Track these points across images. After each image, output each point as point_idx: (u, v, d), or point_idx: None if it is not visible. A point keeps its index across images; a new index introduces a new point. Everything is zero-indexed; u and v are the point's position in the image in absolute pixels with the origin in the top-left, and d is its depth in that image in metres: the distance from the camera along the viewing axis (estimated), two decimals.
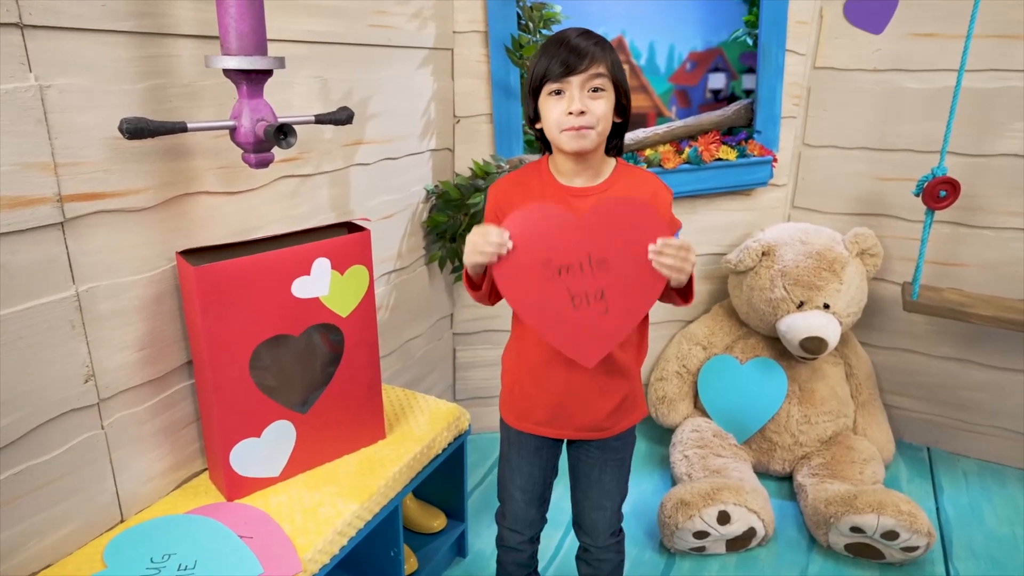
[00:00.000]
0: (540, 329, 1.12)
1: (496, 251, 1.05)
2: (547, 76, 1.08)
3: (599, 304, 1.08)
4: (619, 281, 1.07)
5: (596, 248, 1.06)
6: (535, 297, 1.09)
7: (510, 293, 1.10)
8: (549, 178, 1.17)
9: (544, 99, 1.10)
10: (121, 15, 1.02)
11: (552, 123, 1.09)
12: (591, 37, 1.09)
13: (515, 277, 1.08)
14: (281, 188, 1.38)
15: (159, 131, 0.96)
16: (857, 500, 1.68)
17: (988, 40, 1.88)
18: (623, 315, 1.10)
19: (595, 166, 1.15)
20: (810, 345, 1.90)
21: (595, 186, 1.15)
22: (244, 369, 1.16)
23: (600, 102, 1.08)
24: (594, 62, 1.07)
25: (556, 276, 1.07)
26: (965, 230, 2.05)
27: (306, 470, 1.31)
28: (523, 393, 1.25)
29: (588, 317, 1.09)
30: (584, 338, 1.11)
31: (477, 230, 1.07)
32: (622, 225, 1.05)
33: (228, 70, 1.03)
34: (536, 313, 1.11)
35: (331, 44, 1.45)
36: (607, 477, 1.26)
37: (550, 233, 1.06)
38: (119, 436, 1.12)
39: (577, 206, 1.12)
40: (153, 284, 1.14)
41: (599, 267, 1.06)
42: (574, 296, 1.08)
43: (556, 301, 1.08)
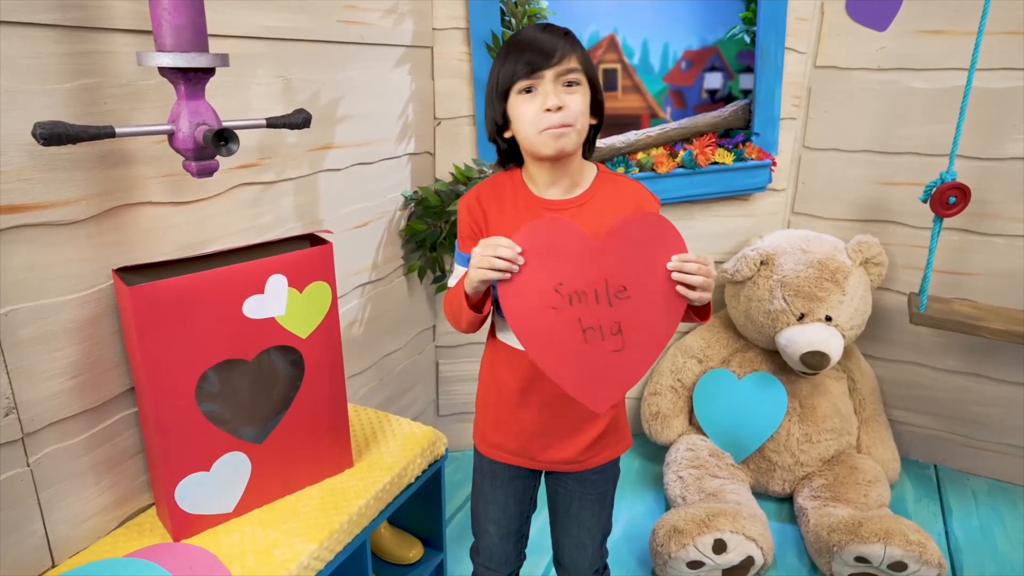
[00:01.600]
0: (543, 364, 0.97)
1: (507, 268, 0.93)
2: (516, 75, 0.97)
3: (614, 340, 0.95)
4: (638, 311, 0.94)
5: (615, 274, 0.94)
6: (541, 325, 0.95)
7: (514, 316, 0.96)
8: (523, 189, 1.06)
9: (514, 100, 0.99)
10: (42, 6, 0.91)
11: (527, 124, 0.98)
12: (555, 30, 1.00)
13: (522, 299, 0.94)
14: (239, 197, 1.28)
15: (81, 137, 0.85)
16: (862, 528, 1.58)
17: (999, 37, 1.78)
18: (640, 352, 0.96)
19: (572, 174, 1.04)
20: (811, 360, 1.80)
21: (572, 198, 1.04)
22: (190, 398, 1.06)
23: (576, 97, 0.98)
24: (567, 54, 0.97)
25: (567, 305, 0.94)
26: (974, 237, 1.95)
27: (263, 504, 1.20)
28: (495, 421, 1.16)
29: (600, 355, 0.95)
30: (593, 379, 0.97)
31: (486, 243, 0.94)
32: (643, 246, 0.93)
33: (163, 68, 0.93)
34: (540, 344, 0.96)
35: (295, 41, 1.35)
36: (586, 513, 1.16)
37: (566, 254, 0.94)
38: (49, 473, 1.01)
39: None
40: (88, 305, 1.03)
41: (617, 297, 0.94)
42: (586, 328, 0.95)
43: (565, 332, 0.95)
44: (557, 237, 0.94)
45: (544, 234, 0.94)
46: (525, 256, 0.93)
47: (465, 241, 1.10)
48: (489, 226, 1.07)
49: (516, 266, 0.93)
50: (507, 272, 0.93)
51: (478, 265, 0.94)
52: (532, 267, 0.93)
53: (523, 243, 0.93)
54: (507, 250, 0.92)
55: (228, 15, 1.18)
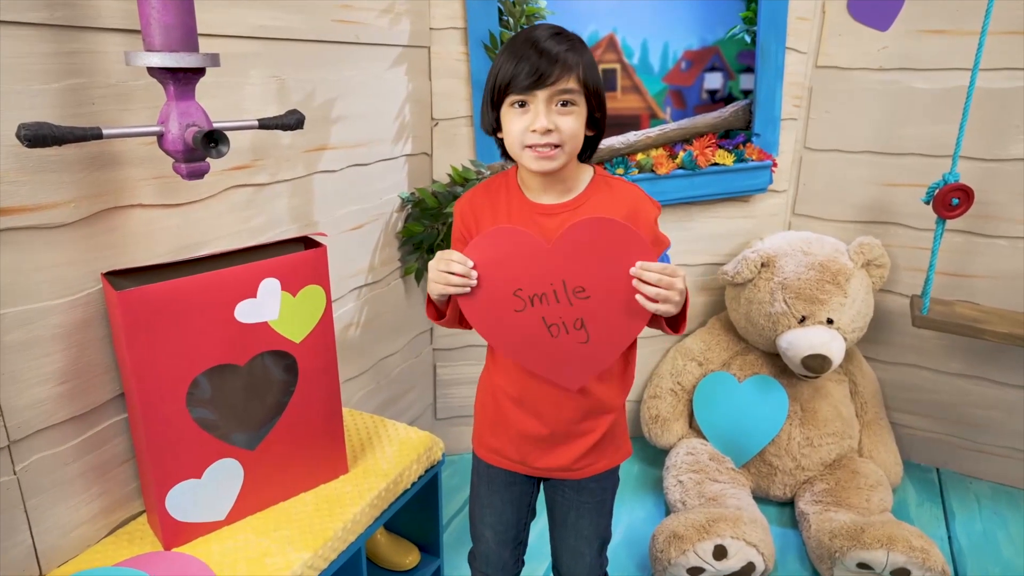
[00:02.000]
0: (516, 358, 1.03)
1: (462, 283, 0.95)
2: (511, 87, 0.94)
3: (578, 333, 0.98)
4: (599, 310, 0.96)
5: (571, 275, 0.95)
6: (507, 328, 1.00)
7: (480, 325, 1.01)
8: (516, 193, 1.05)
9: (506, 110, 0.97)
10: (29, 4, 0.89)
11: (514, 138, 0.97)
12: (564, 40, 0.95)
13: (484, 309, 0.99)
14: (232, 199, 1.26)
15: (67, 138, 0.83)
16: (865, 534, 1.56)
17: (1003, 37, 1.76)
18: (605, 345, 0.99)
19: (565, 180, 1.03)
20: (813, 363, 1.78)
21: (565, 203, 1.02)
22: (180, 404, 1.04)
23: (569, 119, 0.95)
24: (565, 73, 0.93)
25: (528, 306, 0.97)
26: (977, 239, 1.93)
27: (256, 511, 1.18)
28: (493, 425, 1.14)
29: (567, 345, 0.99)
30: (564, 364, 1.01)
31: (440, 257, 0.97)
32: (599, 248, 0.93)
33: (152, 68, 0.91)
34: (510, 344, 1.02)
35: (289, 40, 1.33)
36: (584, 521, 1.14)
37: (518, 260, 0.96)
38: (36, 481, 0.99)
39: (545, 225, 1.00)
40: (77, 309, 1.01)
41: (575, 295, 0.95)
42: (550, 325, 0.98)
43: (530, 330, 0.99)
44: (508, 245, 0.96)
45: (494, 244, 0.96)
46: (480, 268, 0.96)
47: (456, 244, 1.10)
48: (480, 230, 1.05)
49: (471, 280, 0.95)
50: (462, 287, 0.96)
51: (433, 279, 0.98)
52: (489, 277, 0.97)
53: (475, 255, 0.96)
54: (459, 266, 0.95)
55: (221, 14, 1.16)
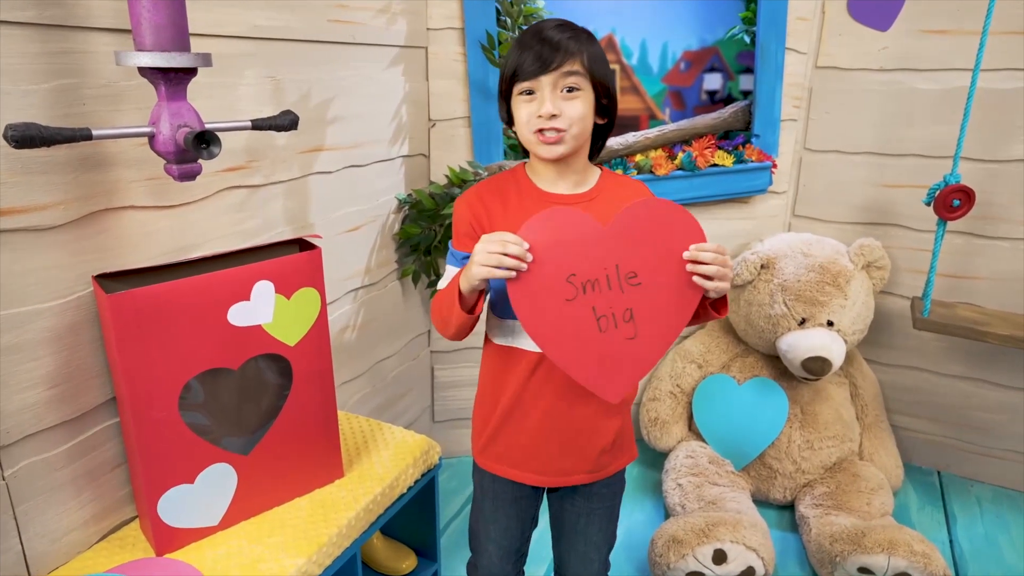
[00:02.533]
0: (558, 357, 0.95)
1: (515, 266, 0.89)
2: (517, 75, 0.96)
3: (627, 327, 0.94)
4: (649, 298, 0.93)
5: (624, 259, 0.92)
6: (556, 319, 0.93)
7: (527, 316, 0.93)
8: (528, 184, 1.04)
9: (515, 100, 0.98)
10: (18, 3, 0.87)
11: (523, 125, 0.98)
12: (567, 29, 0.96)
13: (534, 296, 0.92)
14: (226, 200, 1.24)
15: (55, 139, 0.82)
16: (866, 538, 1.54)
17: (1004, 37, 1.75)
18: (652, 341, 0.95)
19: (579, 171, 1.03)
20: (813, 366, 1.77)
21: (580, 193, 1.03)
22: (172, 408, 1.02)
23: (575, 103, 0.95)
24: (568, 58, 0.94)
25: (580, 293, 0.92)
26: (978, 240, 1.92)
27: (250, 517, 1.17)
28: (497, 433, 1.11)
29: (615, 343, 0.94)
30: (608, 369, 0.96)
31: (491, 239, 0.90)
32: (654, 232, 0.91)
33: (143, 68, 0.89)
34: (556, 338, 0.94)
35: (284, 41, 1.31)
36: (594, 528, 1.13)
37: (575, 242, 0.91)
38: (26, 486, 0.98)
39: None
40: (68, 312, 1.00)
41: (628, 281, 0.92)
42: (600, 316, 0.93)
43: (580, 323, 0.93)
44: (563, 225, 0.92)
45: (550, 224, 0.91)
46: (533, 251, 0.90)
47: (462, 239, 1.05)
48: (493, 223, 1.03)
49: (525, 264, 0.90)
50: (515, 270, 0.90)
51: (483, 263, 0.90)
52: (542, 261, 0.91)
53: (530, 236, 0.91)
54: (515, 247, 0.88)
55: (215, 14, 1.15)
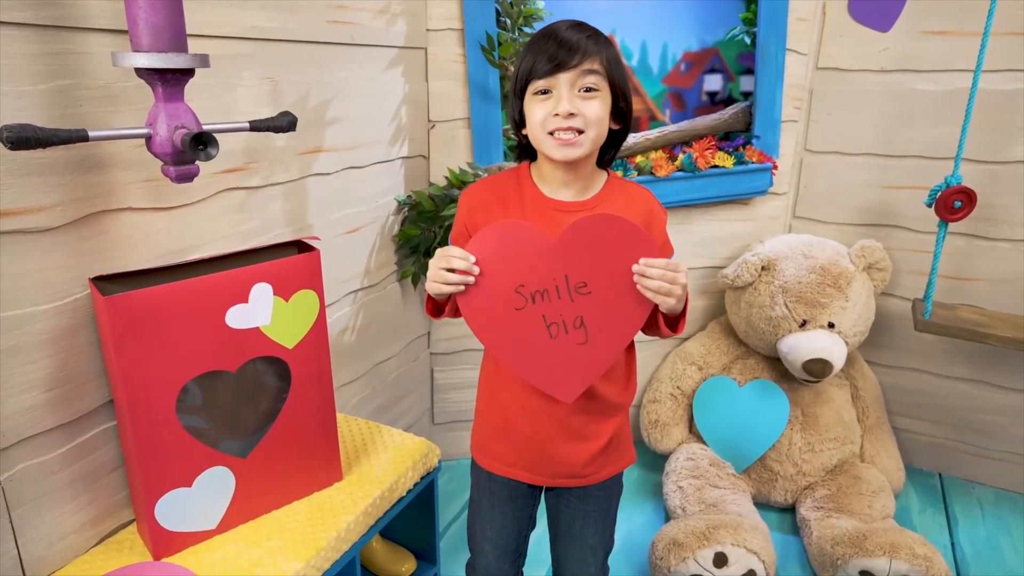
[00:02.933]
0: (512, 363, 1.00)
1: (462, 280, 0.92)
2: (532, 74, 0.94)
3: (577, 333, 0.96)
4: (599, 307, 0.94)
5: (574, 270, 0.93)
6: (507, 327, 0.97)
7: (478, 325, 0.98)
8: (531, 188, 1.03)
9: (529, 100, 0.96)
10: (14, 3, 0.87)
11: (536, 125, 0.95)
12: (584, 30, 0.95)
13: (484, 307, 0.96)
14: (224, 202, 1.24)
15: (51, 140, 0.81)
16: (867, 541, 1.53)
17: (1005, 38, 1.74)
18: (603, 346, 0.97)
19: (586, 177, 1.01)
20: (814, 368, 1.76)
21: (584, 201, 1.01)
22: (169, 411, 1.02)
23: (594, 103, 0.94)
24: (587, 57, 0.92)
25: (530, 303, 0.95)
26: (979, 242, 1.91)
27: (248, 520, 1.16)
28: (494, 431, 1.12)
29: (566, 348, 0.97)
30: (561, 371, 0.98)
31: (440, 254, 0.94)
32: (604, 244, 0.92)
33: (140, 69, 0.89)
34: (508, 346, 0.98)
35: (282, 41, 1.31)
36: (589, 530, 1.12)
37: (523, 254, 0.93)
38: (22, 490, 0.97)
39: (561, 221, 0.98)
40: (65, 315, 0.99)
41: (577, 291, 0.94)
42: (550, 324, 0.95)
43: (530, 330, 0.96)
44: (512, 238, 0.94)
45: (500, 238, 0.94)
46: (483, 263, 0.93)
47: (457, 239, 1.07)
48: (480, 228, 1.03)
49: (471, 277, 0.93)
50: (461, 284, 0.93)
51: (431, 278, 0.95)
52: (492, 272, 0.94)
53: (479, 249, 0.93)
54: (460, 261, 0.92)
55: (213, 15, 1.15)
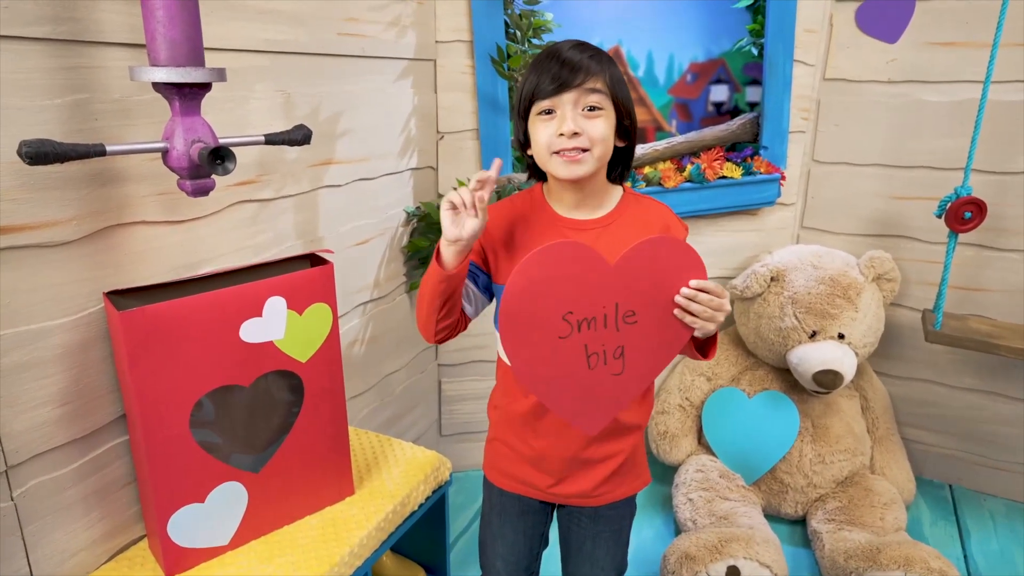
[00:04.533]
0: (543, 394, 0.94)
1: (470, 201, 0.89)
2: (536, 94, 0.94)
3: (615, 363, 0.92)
4: (640, 336, 0.91)
5: (626, 297, 0.89)
6: (545, 356, 0.90)
7: (514, 352, 0.91)
8: (545, 208, 1.02)
9: (533, 120, 0.96)
10: (32, 19, 0.87)
11: (542, 146, 0.95)
12: (586, 49, 0.95)
13: (525, 333, 0.89)
14: (237, 215, 1.23)
15: (69, 155, 0.81)
16: (881, 555, 1.52)
17: (1014, 49, 1.74)
18: (638, 376, 0.94)
19: (596, 194, 1.01)
20: (824, 379, 1.75)
21: (598, 218, 1.00)
22: (183, 426, 1.01)
23: (598, 122, 0.93)
24: (589, 77, 0.92)
25: (575, 331, 0.89)
26: (989, 253, 1.91)
27: (261, 536, 1.15)
28: (506, 449, 1.11)
29: (600, 379, 0.92)
30: (590, 403, 0.94)
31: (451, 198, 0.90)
32: (659, 269, 0.89)
33: (157, 83, 0.89)
34: (542, 376, 0.92)
35: (294, 54, 1.31)
36: (601, 551, 1.11)
37: (578, 279, 0.88)
38: (35, 506, 0.96)
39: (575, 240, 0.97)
40: (79, 329, 0.99)
41: (625, 320, 0.90)
42: (591, 354, 0.91)
43: (569, 360, 0.91)
44: (569, 260, 0.88)
45: (555, 257, 0.88)
46: (535, 284, 0.87)
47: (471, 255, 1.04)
48: (507, 245, 1.02)
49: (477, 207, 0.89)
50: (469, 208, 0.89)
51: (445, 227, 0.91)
52: (540, 295, 0.88)
53: (533, 269, 0.88)
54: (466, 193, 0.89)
55: (226, 28, 1.15)
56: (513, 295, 0.88)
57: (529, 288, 0.87)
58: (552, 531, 1.20)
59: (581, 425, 0.95)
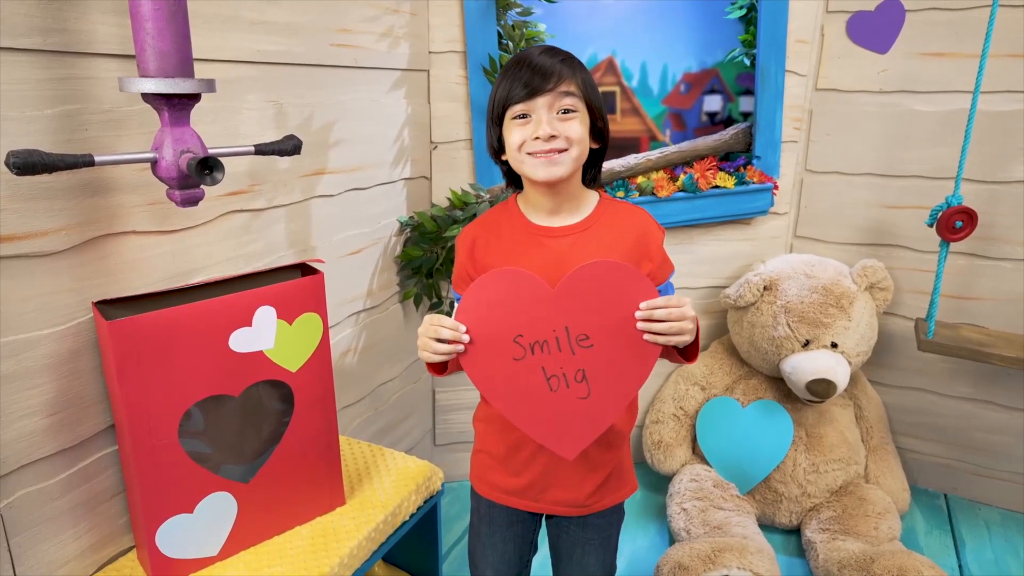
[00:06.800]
0: (512, 416, 0.96)
1: (452, 350, 0.92)
2: (509, 99, 0.94)
3: (579, 387, 0.93)
4: (603, 360, 0.92)
5: (574, 321, 0.91)
6: (506, 378, 0.94)
7: (478, 376, 0.95)
8: (519, 218, 1.03)
9: (508, 125, 0.96)
10: (22, 30, 0.87)
11: (515, 150, 0.96)
12: (557, 54, 0.96)
13: (482, 356, 0.94)
14: (228, 224, 1.24)
15: (57, 166, 0.81)
16: (875, 564, 1.52)
17: (1003, 59, 1.76)
18: (608, 399, 0.94)
19: (571, 199, 1.01)
20: (817, 388, 1.75)
21: (574, 224, 1.01)
22: (172, 436, 1.01)
23: (573, 124, 0.94)
24: (562, 80, 0.93)
25: (528, 354, 0.92)
26: (981, 261, 1.91)
27: (250, 546, 1.15)
28: (493, 461, 1.11)
29: (567, 402, 0.94)
30: (563, 426, 0.95)
31: (428, 324, 0.93)
32: (605, 294, 0.90)
33: (146, 94, 0.89)
34: (507, 397, 0.95)
35: (286, 65, 1.31)
36: (590, 558, 1.11)
37: (522, 302, 0.92)
38: (22, 517, 0.96)
39: (553, 248, 0.98)
40: (68, 339, 0.99)
41: (579, 344, 0.91)
42: (550, 376, 0.93)
43: (530, 382, 0.93)
44: (510, 286, 0.92)
45: (496, 285, 0.92)
46: (480, 310, 0.92)
47: (458, 283, 1.07)
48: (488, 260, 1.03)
49: (460, 345, 0.92)
50: (452, 353, 0.92)
51: (422, 347, 0.94)
52: (490, 320, 0.92)
53: (477, 297, 0.92)
54: (448, 331, 0.91)
55: (218, 39, 1.15)
56: (464, 314, 0.93)
57: (477, 310, 0.92)
58: (541, 537, 1.19)
59: (557, 449, 0.96)
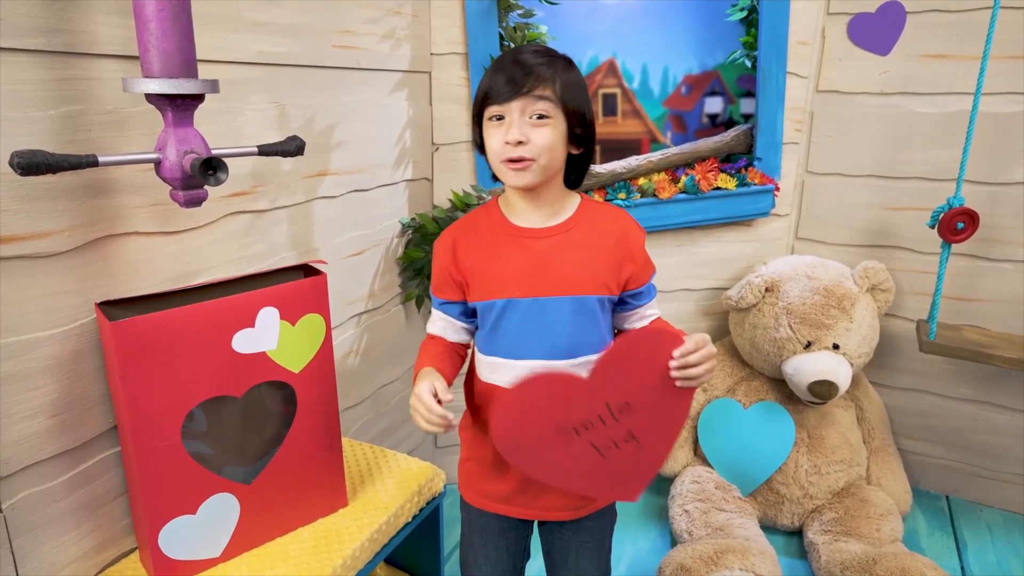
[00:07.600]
0: (570, 488, 0.99)
1: (437, 431, 0.94)
2: (487, 99, 0.94)
3: (629, 446, 0.94)
4: (645, 418, 0.93)
5: (613, 396, 0.92)
6: (556, 460, 0.95)
7: (525, 462, 0.96)
8: (500, 219, 1.03)
9: (486, 125, 0.97)
10: (25, 31, 0.87)
11: (491, 153, 0.96)
12: (542, 55, 0.95)
13: (528, 448, 0.95)
14: (231, 226, 1.24)
15: (61, 166, 0.81)
16: (877, 566, 1.52)
17: (1004, 61, 1.76)
18: (658, 447, 0.96)
19: (552, 203, 1.01)
20: (819, 390, 1.75)
21: (556, 226, 1.01)
22: (175, 437, 1.01)
23: (544, 131, 0.93)
24: (538, 84, 0.92)
25: (575, 436, 0.93)
26: (982, 263, 1.91)
27: (253, 548, 1.15)
28: (482, 468, 1.11)
29: (620, 461, 0.96)
30: (620, 480, 0.97)
31: (417, 399, 0.96)
32: (634, 362, 0.91)
33: (150, 95, 0.89)
34: (562, 474, 0.97)
35: (289, 66, 1.31)
36: (585, 561, 1.10)
37: (558, 400, 0.92)
38: (25, 518, 0.96)
39: (533, 248, 0.98)
40: (71, 340, 0.99)
41: (622, 412, 0.92)
42: (600, 448, 0.94)
43: (582, 458, 0.95)
44: (546, 390, 0.92)
45: (530, 393, 0.92)
46: (519, 416, 0.92)
47: (440, 287, 1.07)
48: (469, 262, 1.03)
49: (453, 425, 0.94)
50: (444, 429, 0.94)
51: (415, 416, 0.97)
52: (528, 422, 0.93)
53: (512, 406, 0.93)
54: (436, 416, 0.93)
55: (221, 40, 1.15)
56: (503, 432, 0.94)
57: (514, 426, 0.93)
58: (534, 542, 1.19)
59: (622, 498, 0.99)
